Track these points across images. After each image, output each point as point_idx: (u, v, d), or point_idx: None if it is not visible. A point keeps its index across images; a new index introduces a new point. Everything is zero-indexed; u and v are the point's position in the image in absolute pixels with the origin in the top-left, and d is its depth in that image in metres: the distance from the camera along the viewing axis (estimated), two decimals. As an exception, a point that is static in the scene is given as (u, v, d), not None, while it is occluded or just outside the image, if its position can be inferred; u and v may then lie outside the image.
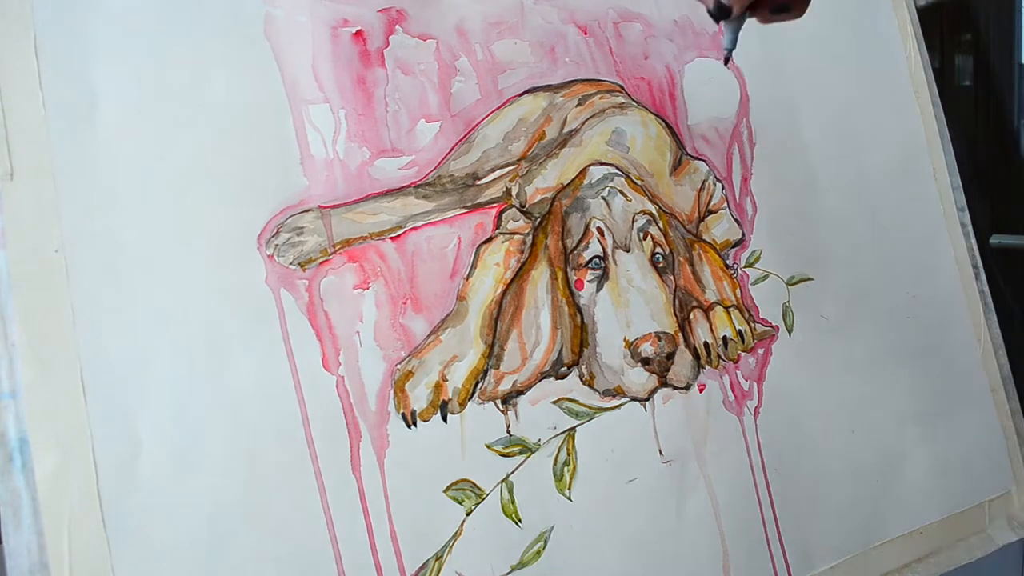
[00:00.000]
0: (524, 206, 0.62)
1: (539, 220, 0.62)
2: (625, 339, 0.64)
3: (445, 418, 0.57)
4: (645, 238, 0.65)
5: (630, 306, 0.64)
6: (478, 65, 0.62)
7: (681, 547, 0.64)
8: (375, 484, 0.54)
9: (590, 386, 0.62)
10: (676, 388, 0.65)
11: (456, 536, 0.56)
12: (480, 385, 0.58)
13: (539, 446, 0.60)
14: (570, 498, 0.60)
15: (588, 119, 0.65)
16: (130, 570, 0.47)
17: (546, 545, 0.59)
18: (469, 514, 0.57)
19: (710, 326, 0.68)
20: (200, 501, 0.50)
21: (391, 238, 0.57)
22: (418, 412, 0.56)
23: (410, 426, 0.56)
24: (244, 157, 0.54)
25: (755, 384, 0.69)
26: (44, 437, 0.46)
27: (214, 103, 0.53)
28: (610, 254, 0.64)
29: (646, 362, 0.64)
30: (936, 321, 0.78)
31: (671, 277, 0.66)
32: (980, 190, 0.98)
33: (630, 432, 0.63)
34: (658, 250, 0.66)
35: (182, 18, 0.53)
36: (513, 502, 0.58)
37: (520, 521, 0.58)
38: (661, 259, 0.66)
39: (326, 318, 0.54)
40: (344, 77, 0.57)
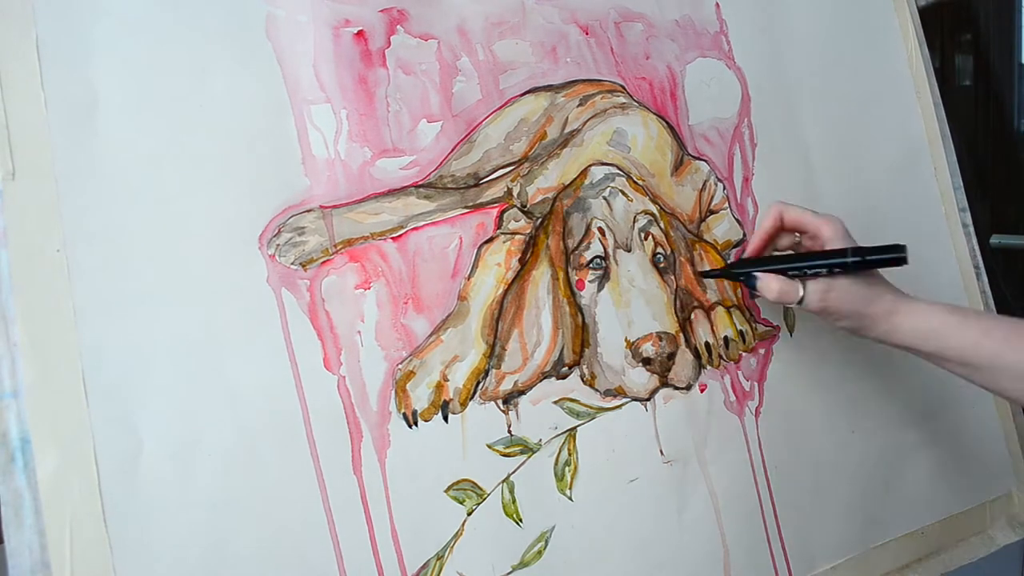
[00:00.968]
0: (525, 206, 0.62)
1: (540, 220, 0.62)
2: (626, 339, 0.64)
3: (446, 418, 0.57)
4: (646, 238, 0.65)
5: (631, 306, 0.64)
6: (479, 65, 0.62)
7: (682, 547, 0.64)
8: (376, 484, 0.54)
9: (591, 386, 0.62)
10: (677, 388, 0.65)
11: (457, 536, 0.56)
12: (481, 385, 0.58)
13: (540, 446, 0.60)
14: (571, 498, 0.60)
15: (589, 119, 0.65)
16: (131, 569, 0.47)
17: (547, 545, 0.59)
18: (470, 514, 0.57)
19: (711, 326, 0.68)
20: (201, 501, 0.50)
21: (392, 238, 0.57)
22: (419, 412, 0.56)
23: (411, 426, 0.56)
24: (245, 157, 0.53)
25: (756, 384, 0.69)
26: (46, 437, 0.46)
27: (215, 103, 0.53)
28: (611, 254, 0.64)
29: (647, 362, 0.64)
30: (937, 321, 0.78)
31: (672, 277, 0.66)
32: (980, 190, 0.98)
33: (631, 432, 0.63)
34: (659, 250, 0.66)
35: (183, 18, 0.53)
36: (514, 502, 0.59)
37: (521, 521, 0.59)
38: (662, 259, 0.66)
39: (327, 318, 0.54)
40: (345, 77, 0.57)
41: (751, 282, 0.62)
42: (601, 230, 0.64)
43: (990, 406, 0.80)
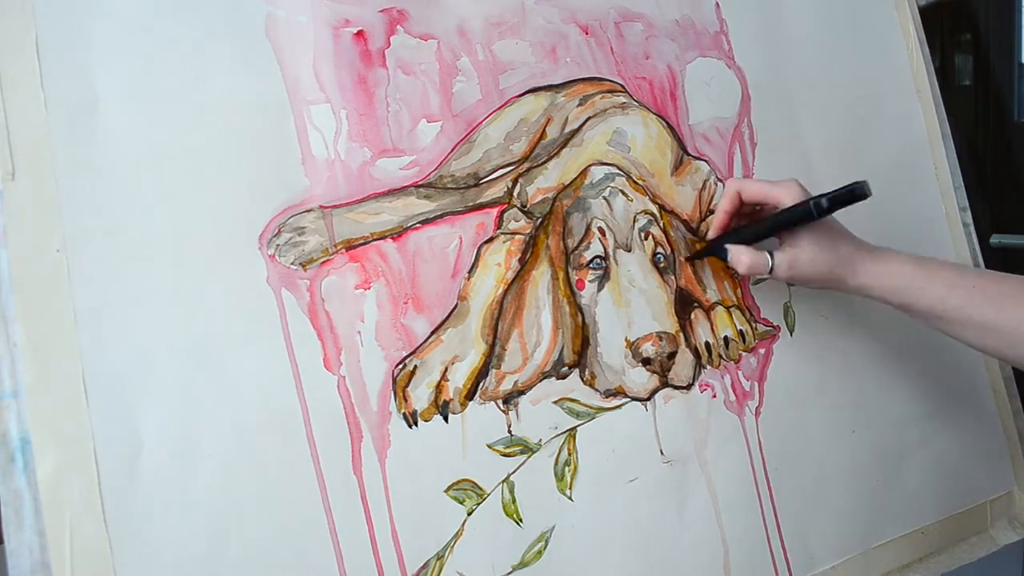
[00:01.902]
0: (525, 206, 0.62)
1: (540, 220, 0.62)
2: (626, 339, 0.64)
3: (446, 418, 0.57)
4: (646, 238, 0.65)
5: (631, 306, 0.64)
6: (479, 65, 0.62)
7: (682, 547, 0.64)
8: (376, 484, 0.54)
9: (591, 386, 0.62)
10: (677, 388, 0.65)
11: (457, 536, 0.56)
12: (481, 385, 0.58)
13: (540, 446, 0.60)
14: (571, 498, 0.60)
15: (589, 119, 0.65)
16: (131, 570, 0.47)
17: (547, 545, 0.59)
18: (470, 514, 0.57)
19: (711, 326, 0.68)
20: (201, 501, 0.50)
21: (392, 238, 0.57)
22: (419, 412, 0.56)
23: (411, 426, 0.56)
24: (245, 157, 0.54)
25: (756, 384, 0.69)
26: (45, 437, 0.46)
27: (215, 103, 0.53)
28: (611, 254, 0.64)
29: (647, 362, 0.64)
30: (937, 321, 0.78)
31: (672, 277, 0.66)
32: (980, 190, 0.98)
33: (631, 432, 0.63)
34: (659, 250, 0.66)
35: (183, 18, 0.53)
36: (514, 502, 0.59)
37: (521, 521, 0.59)
38: (662, 259, 0.66)
39: (327, 318, 0.54)
40: (345, 77, 0.57)
41: (723, 255, 0.64)
42: (601, 230, 0.64)
43: (990, 406, 0.80)
